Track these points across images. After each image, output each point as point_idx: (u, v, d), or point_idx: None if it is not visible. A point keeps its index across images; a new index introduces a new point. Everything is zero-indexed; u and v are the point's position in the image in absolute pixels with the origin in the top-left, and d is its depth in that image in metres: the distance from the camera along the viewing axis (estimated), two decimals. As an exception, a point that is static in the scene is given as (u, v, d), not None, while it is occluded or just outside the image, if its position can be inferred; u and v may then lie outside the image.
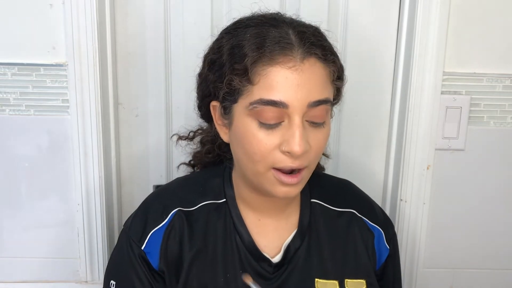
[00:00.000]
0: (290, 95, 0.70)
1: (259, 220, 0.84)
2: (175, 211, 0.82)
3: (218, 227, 0.83)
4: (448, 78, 1.08)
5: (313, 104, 0.71)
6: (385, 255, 0.88)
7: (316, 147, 0.74)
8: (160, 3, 1.10)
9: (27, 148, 1.09)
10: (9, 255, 1.15)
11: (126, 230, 0.84)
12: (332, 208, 0.87)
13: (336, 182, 0.94)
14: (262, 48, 0.71)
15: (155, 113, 1.16)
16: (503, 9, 1.06)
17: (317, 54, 0.72)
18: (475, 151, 1.12)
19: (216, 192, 0.85)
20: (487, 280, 1.20)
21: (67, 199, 1.12)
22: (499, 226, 1.17)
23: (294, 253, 0.83)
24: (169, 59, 1.13)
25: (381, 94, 1.16)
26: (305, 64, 0.71)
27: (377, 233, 0.88)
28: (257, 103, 0.71)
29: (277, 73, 0.70)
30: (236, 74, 0.72)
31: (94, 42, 1.03)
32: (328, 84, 0.74)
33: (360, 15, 1.12)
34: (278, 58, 0.70)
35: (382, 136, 1.19)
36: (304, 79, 0.70)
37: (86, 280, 1.15)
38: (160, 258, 0.81)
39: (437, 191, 1.14)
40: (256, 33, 0.73)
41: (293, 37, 0.72)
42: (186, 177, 0.92)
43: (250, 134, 0.73)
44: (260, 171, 0.74)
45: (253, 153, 0.73)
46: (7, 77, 1.05)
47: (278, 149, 0.72)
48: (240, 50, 0.73)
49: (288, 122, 0.71)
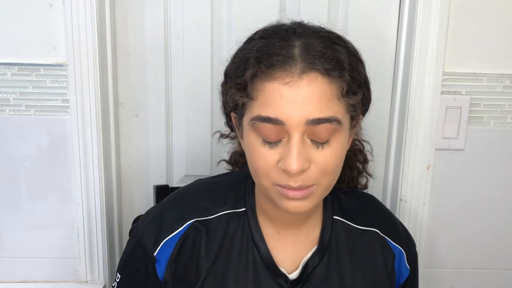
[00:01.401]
0: (286, 112, 0.66)
1: (278, 233, 0.82)
2: (191, 222, 0.80)
3: (236, 237, 0.80)
4: (448, 78, 1.08)
5: (313, 122, 0.67)
6: (405, 275, 0.86)
7: (323, 165, 0.69)
8: (160, 3, 1.10)
9: (27, 148, 1.09)
10: (9, 255, 1.15)
11: (140, 233, 0.81)
12: (354, 226, 0.84)
13: (360, 198, 0.90)
14: (261, 63, 0.68)
15: (155, 113, 1.16)
16: (503, 9, 1.06)
17: (319, 69, 0.67)
18: (475, 151, 1.12)
19: (237, 200, 0.82)
20: (487, 280, 1.20)
21: (67, 199, 1.12)
22: (499, 226, 1.17)
23: (312, 270, 0.80)
24: (169, 59, 1.13)
25: (381, 94, 1.16)
26: (304, 80, 0.67)
27: (399, 253, 0.85)
28: (256, 120, 0.69)
29: (274, 89, 0.67)
30: (238, 88, 0.71)
31: (94, 42, 1.03)
32: (334, 101, 0.68)
33: (360, 15, 1.12)
34: (275, 74, 0.67)
35: (382, 136, 1.19)
36: (302, 95, 0.66)
37: (86, 280, 1.15)
38: (167, 269, 0.79)
39: (437, 191, 1.14)
40: (261, 46, 0.70)
41: (296, 50, 0.68)
42: (208, 181, 0.89)
43: (254, 149, 0.71)
44: (266, 185, 0.72)
45: (257, 168, 0.71)
46: (7, 77, 1.05)
47: (277, 166, 0.69)
48: (244, 63, 0.71)
49: (287, 139, 0.68)
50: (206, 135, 1.16)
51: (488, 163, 1.13)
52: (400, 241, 0.86)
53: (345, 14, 1.12)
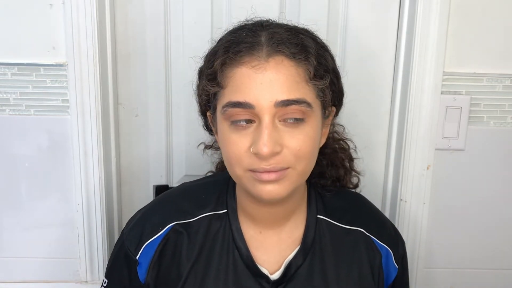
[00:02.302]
0: (254, 95, 0.68)
1: (260, 233, 0.82)
2: (172, 226, 0.81)
3: (217, 239, 0.81)
4: (448, 78, 1.08)
5: (281, 104, 0.68)
6: (394, 274, 0.86)
7: (295, 147, 0.70)
8: (160, 3, 1.10)
9: (27, 148, 1.09)
10: (9, 255, 1.15)
11: (123, 238, 0.83)
12: (339, 225, 0.84)
13: (347, 197, 0.90)
14: (229, 51, 0.71)
15: (155, 113, 1.16)
16: (503, 9, 1.06)
17: (284, 51, 0.70)
18: (475, 151, 1.12)
19: (218, 202, 0.83)
20: (487, 280, 1.20)
21: (67, 199, 1.12)
22: (499, 226, 1.17)
23: (295, 271, 0.80)
24: (169, 59, 1.13)
25: (381, 94, 1.16)
26: (270, 63, 0.69)
27: (385, 253, 0.85)
28: (226, 106, 0.70)
29: (242, 73, 0.70)
30: (209, 79, 0.73)
31: (94, 42, 1.03)
32: (302, 84, 0.70)
33: (360, 16, 1.12)
34: (243, 59, 0.70)
35: (382, 136, 1.19)
36: (269, 77, 0.69)
37: (86, 280, 1.15)
38: (148, 272, 0.81)
39: (437, 191, 1.14)
40: (229, 39, 0.73)
41: (262, 38, 0.71)
42: (191, 184, 0.90)
43: (226, 137, 0.72)
44: (238, 173, 0.72)
45: (229, 157, 0.72)
46: (7, 77, 1.05)
47: (249, 151, 0.70)
48: (213, 55, 0.74)
49: (258, 123, 0.70)
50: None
51: (488, 163, 1.13)
52: (387, 240, 0.86)
53: (345, 14, 1.12)
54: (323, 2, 1.11)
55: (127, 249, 0.82)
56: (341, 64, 1.14)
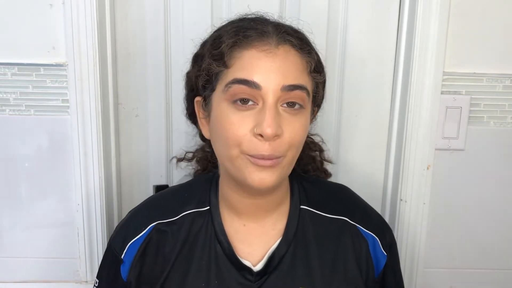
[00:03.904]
0: (263, 77, 0.71)
1: (244, 226, 0.83)
2: (154, 225, 0.83)
3: (199, 236, 0.83)
4: (448, 78, 1.08)
5: (287, 88, 0.72)
6: (383, 262, 0.86)
7: (290, 135, 0.73)
8: (160, 3, 1.11)
9: (27, 148, 1.09)
10: (9, 255, 1.15)
11: (111, 239, 0.87)
12: (323, 214, 0.85)
13: (330, 187, 0.92)
14: (239, 34, 0.74)
15: (155, 113, 1.16)
16: (503, 9, 1.06)
17: (292, 41, 0.74)
18: (475, 151, 1.12)
19: (201, 199, 0.85)
20: (487, 280, 1.20)
21: (67, 199, 1.12)
22: (499, 226, 1.17)
23: (279, 261, 0.81)
24: (169, 59, 1.13)
25: (381, 94, 1.16)
26: (280, 50, 0.73)
27: (372, 240, 0.85)
28: (232, 83, 0.72)
29: (252, 55, 0.73)
30: (214, 59, 0.75)
31: (94, 42, 1.03)
32: (304, 73, 0.76)
33: (360, 15, 1.12)
34: (253, 42, 0.73)
35: (382, 136, 1.19)
36: (278, 62, 0.72)
37: (86, 280, 1.15)
38: (130, 270, 0.82)
39: (437, 191, 1.14)
40: (236, 25, 0.77)
41: (269, 27, 0.75)
42: (176, 186, 0.93)
43: (225, 118, 0.73)
44: (234, 154, 0.74)
45: (227, 138, 0.73)
46: (7, 77, 1.05)
47: (251, 133, 0.72)
48: (219, 39, 0.76)
49: (262, 105, 0.72)
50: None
51: (488, 163, 1.13)
52: (373, 228, 0.86)
53: (345, 14, 1.12)
54: (323, 2, 1.12)
55: (113, 249, 0.84)
56: (341, 64, 1.14)
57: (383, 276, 0.87)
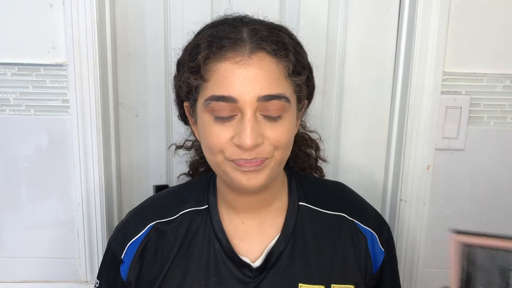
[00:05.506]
0: (238, 90, 0.71)
1: (242, 223, 0.84)
2: (152, 225, 0.84)
3: (198, 234, 0.83)
4: (448, 78, 1.08)
5: (264, 99, 0.72)
6: (381, 258, 0.86)
7: (275, 139, 0.74)
8: (160, 3, 1.11)
9: (27, 148, 1.09)
10: (9, 255, 1.15)
11: (111, 240, 0.87)
12: (321, 210, 0.86)
13: (328, 184, 0.93)
14: (212, 46, 0.73)
15: (155, 113, 1.16)
16: (503, 9, 1.06)
17: (266, 48, 0.73)
18: (475, 151, 1.12)
19: (199, 198, 0.86)
20: (487, 280, 1.20)
21: (67, 199, 1.12)
22: (499, 226, 1.17)
23: (278, 257, 0.82)
24: (169, 59, 1.13)
25: (381, 94, 1.16)
26: (253, 59, 0.72)
27: (370, 236, 0.86)
28: (210, 100, 0.73)
29: (226, 68, 0.72)
30: (191, 72, 0.75)
31: (94, 42, 1.03)
32: (282, 80, 0.74)
33: (360, 15, 1.12)
34: (226, 54, 0.72)
35: (382, 136, 1.19)
36: (252, 73, 0.71)
37: (86, 280, 1.15)
38: (130, 269, 0.83)
39: (437, 191, 1.14)
40: (211, 33, 0.76)
41: (244, 34, 0.74)
42: (175, 186, 0.94)
43: (208, 128, 0.75)
44: (219, 161, 0.75)
45: (210, 146, 0.75)
46: (7, 77, 1.05)
47: (232, 142, 0.73)
48: (196, 49, 0.76)
49: (241, 116, 0.72)
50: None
51: (488, 163, 1.13)
52: (371, 224, 0.87)
53: (345, 14, 1.12)
54: (323, 2, 1.12)
55: (113, 249, 0.85)
56: (341, 64, 1.14)
57: (381, 273, 0.88)
